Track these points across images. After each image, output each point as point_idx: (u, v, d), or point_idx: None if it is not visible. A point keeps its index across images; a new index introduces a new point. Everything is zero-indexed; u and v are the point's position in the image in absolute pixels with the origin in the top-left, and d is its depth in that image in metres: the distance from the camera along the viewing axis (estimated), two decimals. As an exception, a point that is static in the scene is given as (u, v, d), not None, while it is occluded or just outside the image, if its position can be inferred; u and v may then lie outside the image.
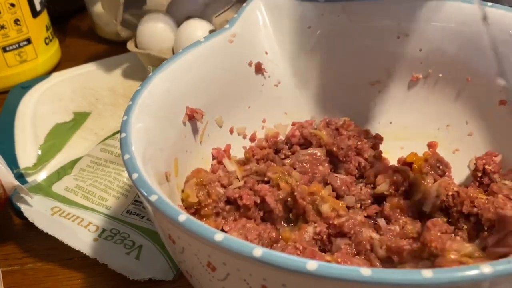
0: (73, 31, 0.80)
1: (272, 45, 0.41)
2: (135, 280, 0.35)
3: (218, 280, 0.23)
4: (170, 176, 0.32)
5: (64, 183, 0.43)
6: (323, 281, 0.19)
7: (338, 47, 0.41)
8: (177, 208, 0.22)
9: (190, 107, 0.35)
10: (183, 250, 0.24)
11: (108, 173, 0.44)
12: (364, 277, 0.18)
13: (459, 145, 0.39)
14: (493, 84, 0.36)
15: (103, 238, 0.38)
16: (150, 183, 0.24)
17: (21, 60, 0.63)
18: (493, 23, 0.36)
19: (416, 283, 0.18)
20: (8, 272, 0.38)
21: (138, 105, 0.30)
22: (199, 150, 0.37)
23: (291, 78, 0.42)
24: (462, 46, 0.38)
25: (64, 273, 0.38)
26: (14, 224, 0.43)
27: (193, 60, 0.35)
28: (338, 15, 0.41)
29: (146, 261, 0.36)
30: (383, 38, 0.40)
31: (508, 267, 0.18)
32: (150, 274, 0.35)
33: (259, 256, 0.19)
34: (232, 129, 0.39)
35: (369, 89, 0.42)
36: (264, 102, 0.41)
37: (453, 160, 0.38)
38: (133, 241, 0.37)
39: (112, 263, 0.36)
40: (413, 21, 0.39)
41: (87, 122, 0.55)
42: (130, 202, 0.41)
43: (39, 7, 0.64)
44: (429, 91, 0.40)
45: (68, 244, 0.37)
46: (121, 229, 0.39)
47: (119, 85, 0.61)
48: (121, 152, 0.27)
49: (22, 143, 0.51)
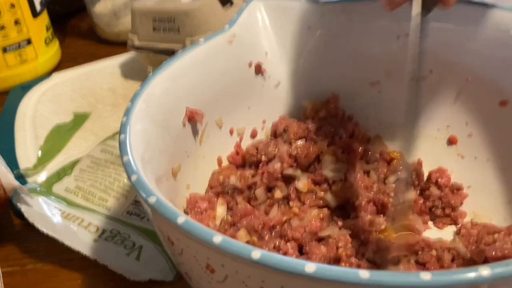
0: (73, 31, 0.80)
1: (272, 46, 0.41)
2: (135, 281, 0.35)
3: (217, 282, 0.23)
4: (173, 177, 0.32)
5: (64, 184, 0.43)
6: (321, 283, 0.19)
7: (338, 47, 0.41)
8: (176, 210, 0.22)
9: (190, 108, 0.35)
10: (182, 252, 0.24)
11: (108, 173, 0.44)
12: (362, 279, 0.18)
13: (459, 145, 0.39)
14: (493, 84, 0.36)
15: (103, 239, 0.38)
16: (149, 185, 0.24)
17: (21, 60, 0.63)
18: (493, 23, 0.36)
19: (415, 286, 0.18)
20: (8, 272, 0.38)
21: (138, 106, 0.30)
22: (199, 151, 0.37)
23: (291, 78, 0.42)
24: (462, 47, 0.38)
25: (64, 274, 0.38)
26: (14, 224, 0.43)
27: (192, 61, 0.35)
28: (338, 16, 0.41)
29: (146, 262, 0.36)
30: (383, 38, 0.40)
31: (507, 270, 0.18)
32: (150, 275, 0.35)
33: (257, 258, 0.19)
34: (232, 130, 0.39)
35: (369, 90, 0.42)
36: (264, 103, 0.41)
37: (453, 160, 0.38)
38: (134, 241, 0.37)
39: (112, 263, 0.36)
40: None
41: (87, 123, 0.55)
42: (130, 203, 0.41)
43: (39, 7, 0.64)
44: (429, 92, 0.40)
45: (69, 245, 0.37)
46: (121, 229, 0.39)
47: (119, 86, 0.61)
48: (120, 154, 0.27)
49: (22, 144, 0.51)
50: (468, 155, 0.38)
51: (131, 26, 0.59)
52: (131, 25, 0.59)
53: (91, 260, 0.36)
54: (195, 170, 0.36)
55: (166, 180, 0.31)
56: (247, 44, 0.39)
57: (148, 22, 0.57)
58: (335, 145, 0.38)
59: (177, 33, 0.55)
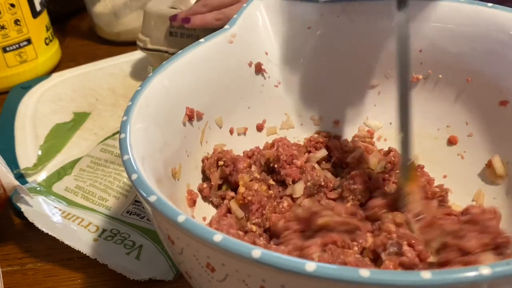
0: (73, 31, 0.80)
1: (272, 46, 0.41)
2: (135, 280, 0.35)
3: (217, 281, 0.23)
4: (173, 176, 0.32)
5: (64, 183, 0.43)
6: (321, 282, 0.19)
7: (338, 47, 0.41)
8: (176, 208, 0.22)
9: (190, 108, 0.35)
10: (182, 251, 0.24)
11: (108, 173, 0.44)
12: (363, 278, 0.18)
13: (459, 145, 0.39)
14: (493, 85, 0.36)
15: (103, 238, 0.38)
16: (149, 184, 0.24)
17: (21, 60, 0.63)
18: (493, 23, 0.36)
19: (415, 284, 0.18)
20: (8, 272, 0.38)
21: (138, 105, 0.30)
22: (199, 150, 0.37)
23: (291, 78, 0.42)
24: (462, 47, 0.38)
25: (64, 273, 0.38)
26: (14, 224, 0.43)
27: (193, 60, 0.35)
28: (338, 16, 0.41)
29: (146, 261, 0.36)
30: (383, 38, 0.40)
31: (507, 269, 0.18)
32: (150, 274, 0.35)
33: (257, 257, 0.19)
34: (232, 129, 0.39)
35: (369, 90, 0.42)
36: (264, 103, 0.41)
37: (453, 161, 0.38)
38: (133, 241, 0.37)
39: (112, 263, 0.36)
40: (413, 21, 0.39)
41: (87, 122, 0.55)
42: (130, 202, 0.41)
43: (39, 7, 0.64)
44: (429, 92, 0.40)
45: (68, 244, 0.37)
46: (121, 229, 0.39)
47: (119, 85, 0.61)
48: (121, 153, 0.27)
49: (22, 143, 0.51)
50: (468, 155, 0.38)
51: (143, 27, 0.58)
52: (143, 26, 0.58)
53: (90, 260, 0.36)
54: (196, 169, 0.36)
55: (166, 179, 0.31)
56: (247, 44, 0.39)
57: (164, 26, 0.57)
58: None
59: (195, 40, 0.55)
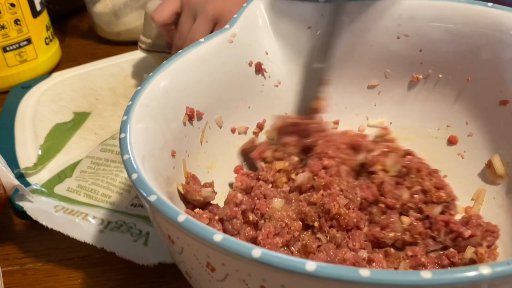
0: (73, 31, 0.80)
1: (272, 45, 0.41)
2: (136, 280, 0.35)
3: (217, 280, 0.23)
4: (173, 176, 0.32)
5: (66, 185, 0.43)
6: (321, 282, 0.19)
7: (338, 47, 0.41)
8: (176, 208, 0.22)
9: (190, 107, 0.35)
10: (182, 251, 0.24)
11: (109, 171, 0.43)
12: (363, 277, 0.18)
13: (459, 145, 0.39)
14: (493, 84, 0.36)
15: (109, 230, 0.37)
16: (149, 183, 0.24)
17: (21, 60, 0.63)
18: (493, 23, 0.36)
19: (415, 284, 0.18)
20: (8, 272, 0.38)
21: (138, 105, 0.30)
22: (199, 150, 0.37)
23: (292, 78, 0.42)
24: (462, 47, 0.38)
25: (64, 273, 0.38)
26: (14, 224, 0.43)
27: (193, 60, 0.35)
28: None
29: (154, 246, 0.35)
30: (383, 38, 0.40)
31: (507, 269, 0.18)
32: (160, 259, 0.34)
33: (258, 256, 0.19)
34: (233, 129, 0.39)
35: (369, 90, 0.42)
36: (264, 102, 0.41)
37: (453, 161, 0.38)
38: (140, 229, 0.37)
39: (120, 250, 0.35)
40: (413, 21, 0.39)
41: (87, 122, 0.55)
42: (134, 196, 0.40)
43: (39, 7, 0.64)
44: (429, 92, 0.40)
45: (74, 237, 0.36)
46: (126, 220, 0.38)
47: (119, 85, 0.61)
48: (121, 153, 0.27)
49: (22, 143, 0.51)
50: (468, 155, 0.38)
51: (144, 29, 0.58)
52: (144, 28, 0.58)
53: (91, 260, 0.36)
54: (196, 168, 0.36)
55: (166, 178, 0.31)
56: (247, 44, 0.39)
57: None
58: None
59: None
